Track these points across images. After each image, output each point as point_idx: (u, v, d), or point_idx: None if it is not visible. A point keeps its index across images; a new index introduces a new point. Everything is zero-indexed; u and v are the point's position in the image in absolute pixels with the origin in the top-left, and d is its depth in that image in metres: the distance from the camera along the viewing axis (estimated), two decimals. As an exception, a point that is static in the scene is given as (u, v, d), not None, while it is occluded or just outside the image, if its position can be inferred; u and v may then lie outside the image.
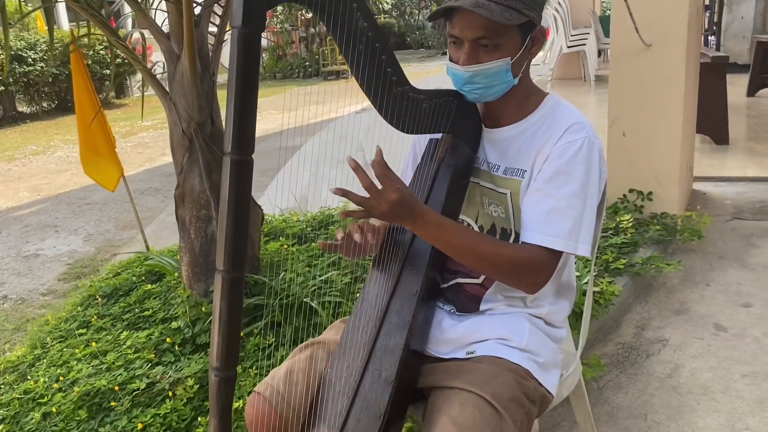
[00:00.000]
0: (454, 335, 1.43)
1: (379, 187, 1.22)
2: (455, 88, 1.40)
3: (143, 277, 3.30)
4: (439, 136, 1.50)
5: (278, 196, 5.28)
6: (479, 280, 1.46)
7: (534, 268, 1.30)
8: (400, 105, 1.32)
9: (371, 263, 1.50)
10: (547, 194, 1.30)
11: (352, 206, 1.27)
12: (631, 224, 3.30)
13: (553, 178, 1.30)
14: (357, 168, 1.20)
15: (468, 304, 1.47)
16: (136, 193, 6.43)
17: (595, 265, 1.72)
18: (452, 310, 1.49)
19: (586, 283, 2.54)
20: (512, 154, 1.41)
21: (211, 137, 2.54)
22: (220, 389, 1.15)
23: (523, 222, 1.33)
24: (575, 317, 2.29)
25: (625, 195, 3.51)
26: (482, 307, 1.46)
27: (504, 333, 1.40)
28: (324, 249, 1.43)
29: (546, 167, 1.32)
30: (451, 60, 1.37)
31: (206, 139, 2.53)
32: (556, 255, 1.30)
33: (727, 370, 2.36)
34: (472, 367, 1.34)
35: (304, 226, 3.59)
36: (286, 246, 3.18)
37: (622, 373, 2.40)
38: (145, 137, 10.09)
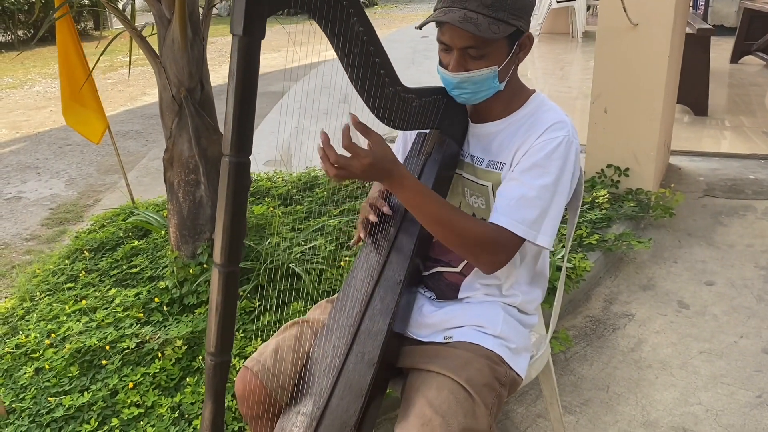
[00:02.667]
0: (433, 320, 1.53)
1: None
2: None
3: (129, 233, 3.36)
4: (427, 130, 1.56)
5: (261, 147, 5.30)
6: (458, 269, 1.54)
7: (495, 248, 1.37)
8: (392, 104, 1.38)
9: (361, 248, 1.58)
10: (520, 183, 1.37)
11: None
12: (606, 199, 3.40)
13: (529, 169, 1.37)
14: (325, 142, 1.27)
15: (447, 291, 1.56)
16: (118, 135, 6.37)
17: (570, 241, 1.80)
18: (432, 297, 1.58)
19: (561, 258, 2.67)
20: (495, 149, 1.47)
21: (201, 103, 2.57)
22: (215, 373, 1.23)
23: (494, 205, 1.41)
24: (547, 291, 2.41)
25: (602, 170, 3.61)
26: (460, 295, 1.55)
27: (480, 320, 1.50)
28: (354, 244, 1.55)
29: (524, 159, 1.39)
30: (440, 63, 1.42)
31: (196, 105, 2.55)
32: (516, 240, 1.37)
33: (686, 347, 2.51)
34: (448, 351, 1.44)
35: (290, 187, 3.64)
36: (272, 209, 3.24)
37: (588, 346, 2.54)
38: (126, 74, 9.90)
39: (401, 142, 1.70)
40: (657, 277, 3.03)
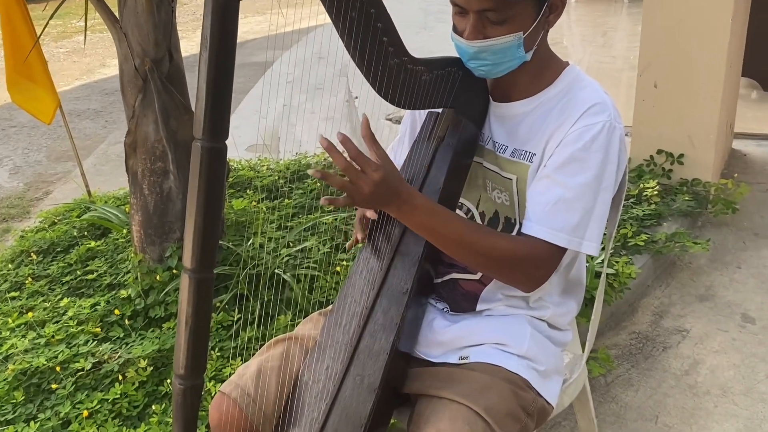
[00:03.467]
0: (446, 337, 1.53)
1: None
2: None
3: (85, 232, 3.37)
4: (439, 110, 1.56)
5: (242, 129, 5.31)
6: (477, 276, 1.55)
7: (532, 264, 1.38)
8: (397, 78, 1.38)
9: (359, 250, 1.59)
10: (555, 182, 1.37)
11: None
12: (656, 192, 3.40)
13: (564, 165, 1.37)
14: (330, 148, 1.25)
15: (463, 302, 1.56)
16: (72, 115, 6.41)
17: (611, 242, 1.81)
18: (445, 309, 1.58)
19: (600, 263, 2.67)
20: (522, 134, 1.47)
21: (169, 77, 2.58)
22: (185, 399, 1.24)
23: (526, 211, 1.41)
24: (584, 302, 2.41)
25: (652, 156, 3.61)
26: (479, 306, 1.55)
27: (502, 337, 1.50)
28: (350, 248, 1.55)
29: (558, 152, 1.39)
30: (455, 30, 1.41)
31: (163, 78, 2.56)
32: (558, 251, 1.38)
33: (750, 369, 2.51)
34: (464, 374, 1.44)
35: (276, 177, 3.65)
36: (254, 203, 3.25)
37: (633, 368, 2.54)
38: (81, 42, 9.92)
39: (408, 125, 1.70)
40: (717, 285, 3.02)
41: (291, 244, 2.85)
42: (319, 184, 3.57)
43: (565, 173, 1.37)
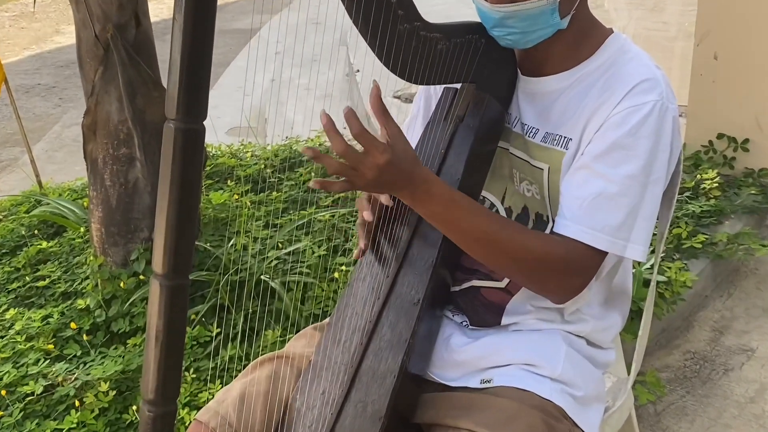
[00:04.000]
0: (465, 357, 1.53)
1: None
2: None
3: (35, 230, 3.38)
4: (458, 85, 1.56)
5: (222, 109, 5.33)
6: (502, 284, 1.54)
7: (566, 270, 1.38)
8: (407, 47, 1.38)
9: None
10: (596, 174, 1.37)
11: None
12: (716, 184, 3.39)
13: (607, 153, 1.37)
14: (329, 127, 1.24)
15: (486, 315, 1.56)
16: (19, 91, 6.42)
17: (662, 244, 1.80)
18: (465, 323, 1.59)
19: (649, 269, 2.66)
20: (555, 116, 1.47)
21: (136, 46, 2.59)
22: (155, 428, 1.24)
23: (560, 207, 1.41)
24: (630, 316, 2.41)
25: (711, 142, 3.59)
26: (505, 320, 1.55)
27: (532, 357, 1.50)
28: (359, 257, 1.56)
29: (599, 138, 1.38)
30: None
31: (128, 48, 2.58)
32: (598, 255, 1.38)
33: (829, 396, 2.51)
34: (487, 401, 1.44)
35: (263, 165, 3.66)
36: (237, 196, 3.26)
37: (688, 394, 2.54)
38: (31, 5, 9.94)
39: (421, 103, 1.70)
40: (789, 295, 3.02)
41: (280, 246, 2.85)
42: (314, 174, 3.57)
43: (607, 163, 1.36)
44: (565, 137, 1.45)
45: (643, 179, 1.37)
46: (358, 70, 5.75)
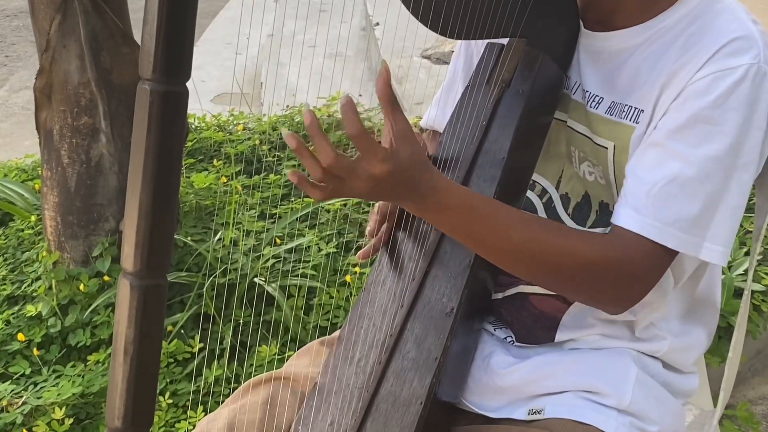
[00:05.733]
0: (510, 381, 1.53)
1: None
2: None
3: (-25, 218, 3.40)
4: (504, 41, 1.56)
5: (207, 70, 5.35)
6: (555, 291, 1.55)
7: (625, 274, 1.37)
8: (444, -6, 1.39)
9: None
10: (670, 153, 1.35)
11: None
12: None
13: (685, 127, 1.35)
14: (300, 150, 1.22)
15: (536, 329, 1.57)
16: (-43, 50, 6.48)
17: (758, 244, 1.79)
18: (509, 339, 1.59)
19: (742, 275, 2.65)
20: (625, 81, 1.46)
21: (101, -9, 2.59)
22: (122, 463, 1.25)
23: (622, 192, 1.40)
24: (717, 334, 2.40)
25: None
26: (560, 335, 1.55)
27: (594, 382, 1.49)
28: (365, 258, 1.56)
29: (677, 108, 1.37)
30: None
31: (92, -7, 2.57)
32: (665, 255, 1.36)
33: None
34: (537, 437, 1.45)
35: (257, 141, 3.66)
36: (224, 179, 3.26)
37: (788, 432, 2.53)
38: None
39: (461, 60, 1.71)
40: None
41: (279, 241, 2.86)
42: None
43: (685, 140, 1.35)
44: (635, 108, 1.44)
45: (730, 162, 1.35)
46: (377, 24, 5.76)
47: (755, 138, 1.36)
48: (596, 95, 1.49)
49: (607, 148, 1.47)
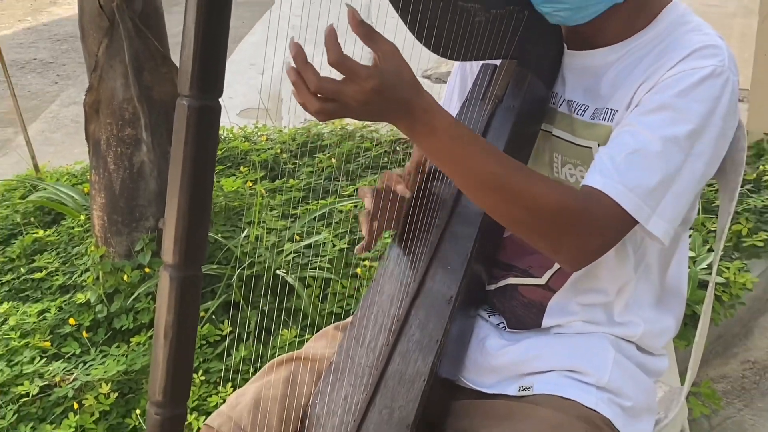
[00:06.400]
0: (502, 361, 1.53)
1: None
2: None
3: (31, 217, 3.41)
4: (497, 62, 1.56)
5: (235, 88, 5.33)
6: (542, 281, 1.54)
7: (586, 226, 1.33)
8: (443, 19, 1.38)
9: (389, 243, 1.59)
10: (637, 130, 1.34)
11: None
12: (780, 177, 3.36)
13: (653, 112, 1.34)
14: (300, 59, 1.23)
15: (525, 316, 1.56)
16: (13, 67, 6.47)
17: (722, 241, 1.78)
18: (501, 325, 1.59)
19: (705, 269, 2.64)
20: (605, 89, 1.46)
21: (143, 17, 2.60)
22: (163, 432, 1.25)
23: (593, 163, 1.37)
24: (685, 320, 2.40)
25: (775, 129, 3.57)
26: (546, 321, 1.55)
27: (576, 362, 1.49)
28: (364, 250, 1.55)
29: (647, 98, 1.37)
30: None
31: (135, 19, 2.59)
32: (624, 218, 1.32)
33: None
34: (526, 410, 1.44)
35: (279, 150, 3.66)
36: (250, 183, 3.27)
37: (747, 408, 2.52)
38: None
39: (457, 80, 1.70)
40: None
41: (298, 238, 2.86)
42: (335, 160, 3.57)
43: (652, 122, 1.33)
44: (611, 109, 1.44)
45: (687, 147, 1.33)
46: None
47: (711, 133, 1.35)
48: (582, 104, 1.49)
49: (590, 147, 1.47)
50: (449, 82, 1.73)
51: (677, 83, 1.34)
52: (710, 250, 2.77)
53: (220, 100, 1.16)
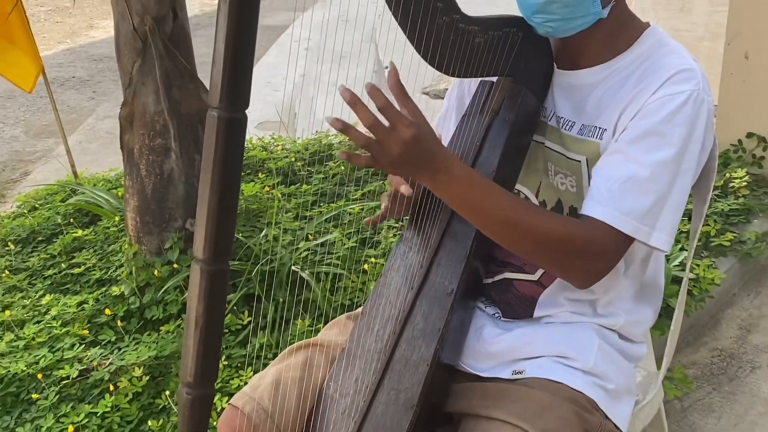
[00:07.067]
0: (497, 348, 1.53)
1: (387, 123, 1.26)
2: (523, 16, 1.45)
3: (71, 219, 3.41)
4: (494, 78, 1.56)
5: (253, 103, 5.33)
6: (535, 277, 1.54)
7: (590, 252, 1.36)
8: (446, 40, 1.38)
9: (396, 242, 1.59)
10: (627, 158, 1.36)
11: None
12: (745, 183, 3.36)
13: (640, 138, 1.36)
14: (354, 102, 1.23)
15: (518, 307, 1.56)
16: (54, 84, 6.46)
17: (695, 241, 1.78)
18: (497, 315, 1.58)
19: (678, 266, 2.65)
20: (591, 108, 1.46)
21: (173, 39, 2.61)
22: (194, 411, 1.25)
23: (590, 189, 1.40)
24: (661, 312, 2.40)
25: (740, 141, 3.56)
26: (537, 312, 1.55)
27: (564, 349, 1.49)
28: (372, 225, 1.52)
29: (634, 124, 1.37)
30: None
31: (165, 40, 2.59)
32: (623, 240, 1.36)
33: None
34: (519, 392, 1.43)
35: (293, 158, 3.67)
36: (268, 188, 3.28)
37: (715, 391, 2.52)
38: (65, 0, 10.04)
39: (455, 96, 1.70)
40: (817, 295, 2.99)
41: (310, 237, 2.86)
42: (343, 167, 3.57)
43: (640, 148, 1.35)
44: (600, 128, 1.44)
45: (674, 168, 1.35)
46: (386, 67, 5.75)
47: (694, 150, 1.37)
48: (569, 120, 1.49)
49: (579, 161, 1.47)
50: (447, 97, 1.72)
51: (660, 109, 1.36)
52: (682, 249, 2.77)
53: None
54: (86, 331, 2.58)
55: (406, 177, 1.46)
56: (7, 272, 3.07)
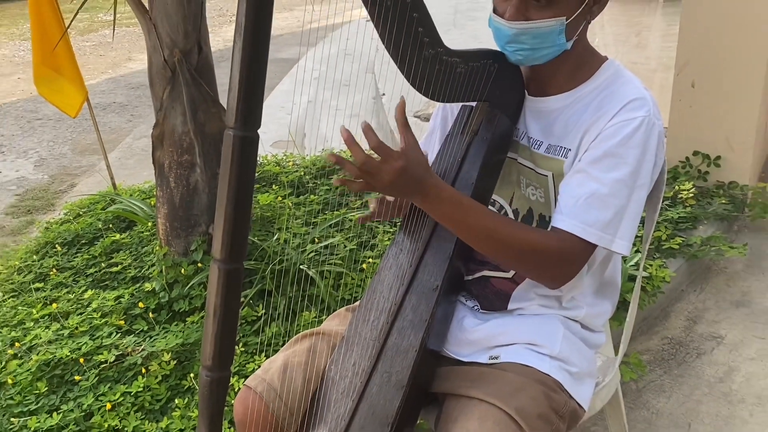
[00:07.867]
0: (476, 336, 1.52)
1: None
2: (497, 47, 1.45)
3: (110, 224, 3.41)
4: (473, 103, 1.55)
5: (268, 125, 5.34)
6: (509, 275, 1.54)
7: (561, 259, 1.37)
8: (431, 70, 1.38)
9: (389, 246, 1.58)
10: (589, 177, 1.37)
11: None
12: (691, 194, 3.37)
13: (600, 159, 1.36)
14: (350, 140, 1.24)
15: (494, 301, 1.56)
16: (97, 108, 6.47)
17: (647, 244, 1.79)
18: (476, 307, 1.58)
19: (634, 266, 2.64)
20: (557, 130, 1.46)
21: (198, 69, 2.60)
22: (212, 391, 1.24)
23: (558, 204, 1.40)
24: (618, 306, 2.40)
25: (687, 158, 3.56)
26: (511, 305, 1.54)
27: (534, 337, 1.49)
28: (361, 223, 1.51)
29: (594, 147, 1.38)
30: (495, 11, 1.40)
31: (192, 71, 2.59)
32: (588, 247, 1.37)
33: (788, 378, 2.47)
34: (494, 374, 1.43)
35: (302, 172, 3.67)
36: (280, 198, 3.28)
37: (666, 374, 2.52)
38: (108, 36, 10.06)
39: (439, 118, 1.70)
40: (753, 291, 2.98)
41: (316, 240, 2.86)
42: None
43: (600, 168, 1.36)
44: (564, 148, 1.44)
45: (631, 183, 1.36)
46: (383, 94, 5.76)
47: (647, 167, 1.38)
48: (537, 140, 1.49)
49: (547, 176, 1.47)
50: (433, 119, 1.72)
51: (616, 133, 1.36)
52: (637, 251, 2.77)
53: (258, 131, 1.16)
54: (122, 322, 2.58)
55: (398, 197, 1.47)
56: (54, 270, 3.06)
